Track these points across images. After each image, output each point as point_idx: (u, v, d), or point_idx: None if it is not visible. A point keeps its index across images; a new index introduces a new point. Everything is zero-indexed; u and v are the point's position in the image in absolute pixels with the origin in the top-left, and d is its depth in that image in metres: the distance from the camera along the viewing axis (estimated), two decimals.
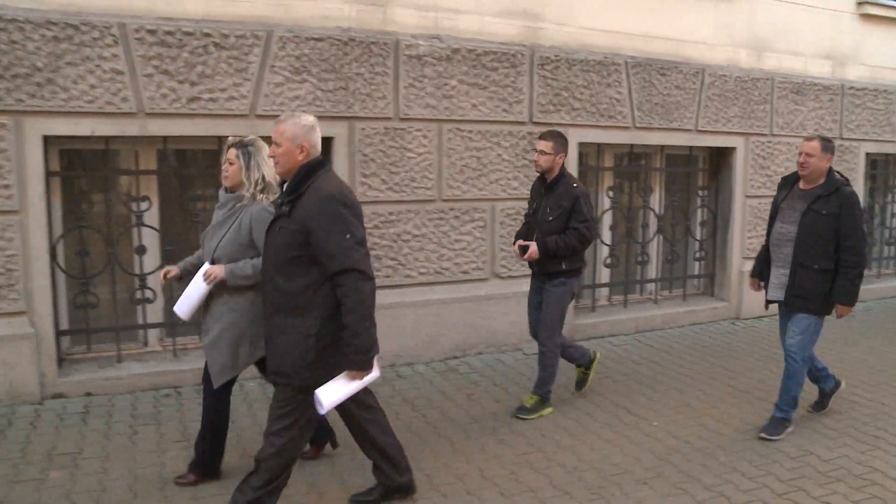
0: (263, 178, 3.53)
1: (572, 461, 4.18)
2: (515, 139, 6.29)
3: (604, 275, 6.96)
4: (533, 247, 4.53)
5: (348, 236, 2.88)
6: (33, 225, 5.08)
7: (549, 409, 4.83)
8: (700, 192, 7.33)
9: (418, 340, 6.07)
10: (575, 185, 4.50)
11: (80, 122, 5.16)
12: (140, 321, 5.63)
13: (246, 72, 5.42)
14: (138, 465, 4.21)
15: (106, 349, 5.57)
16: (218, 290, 3.52)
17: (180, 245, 5.50)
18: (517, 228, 6.04)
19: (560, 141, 4.53)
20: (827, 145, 4.12)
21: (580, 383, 5.16)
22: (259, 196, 3.53)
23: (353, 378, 2.95)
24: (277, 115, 5.02)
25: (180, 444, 4.55)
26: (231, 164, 3.55)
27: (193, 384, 5.42)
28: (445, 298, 5.89)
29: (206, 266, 3.53)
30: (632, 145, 6.70)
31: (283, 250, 2.97)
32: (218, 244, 3.52)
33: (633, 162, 6.89)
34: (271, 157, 3.09)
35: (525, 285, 6.07)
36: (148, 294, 5.56)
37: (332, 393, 2.93)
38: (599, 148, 6.59)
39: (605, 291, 6.97)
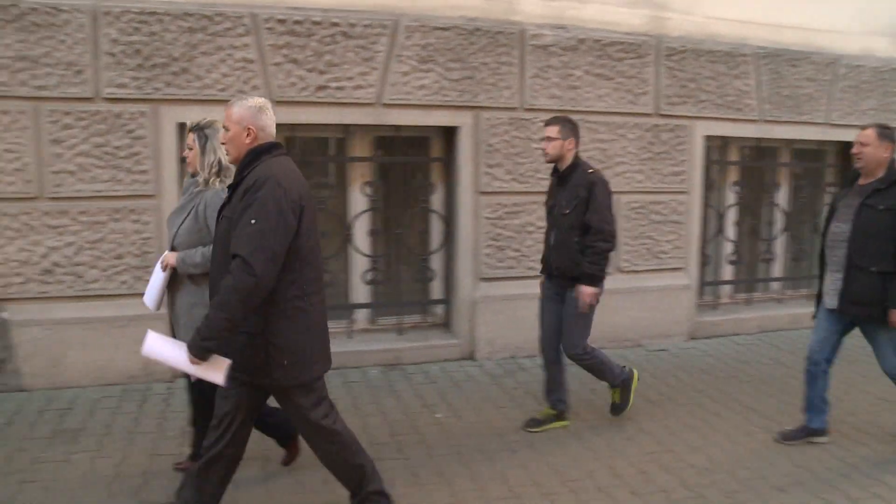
0: (219, 161, 3.31)
1: (703, 462, 4.00)
2: (641, 131, 6.10)
3: (727, 271, 6.63)
4: (582, 293, 4.08)
5: (253, 221, 2.61)
6: (167, 209, 5.14)
7: (635, 379, 4.50)
8: (829, 189, 6.94)
9: None
10: (590, 170, 4.02)
11: (213, 109, 5.18)
12: (366, 300, 5.79)
13: (373, 61, 5.40)
14: (257, 448, 4.11)
15: (336, 327, 5.54)
16: (182, 280, 3.34)
17: (407, 230, 5.72)
18: (640, 223, 5.85)
19: (568, 126, 4.05)
20: (884, 133, 3.74)
21: (617, 408, 4.50)
22: (214, 180, 3.33)
23: (184, 356, 2.71)
24: (404, 105, 5.05)
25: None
26: (190, 148, 3.36)
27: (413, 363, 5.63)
28: None
29: (165, 253, 3.40)
30: (759, 139, 6.39)
31: (221, 241, 2.77)
32: (177, 231, 3.35)
33: (759, 156, 6.53)
34: (222, 143, 2.91)
35: (650, 280, 5.88)
36: (378, 276, 5.76)
37: (162, 347, 2.80)
38: (725, 141, 6.29)
39: (727, 289, 6.65)
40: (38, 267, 5.08)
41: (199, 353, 2.65)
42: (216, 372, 2.70)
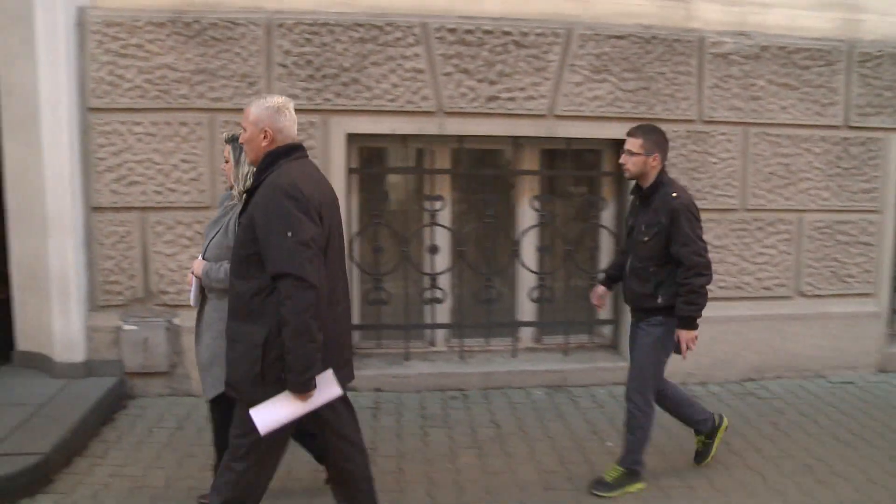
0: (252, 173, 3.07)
1: None
2: (828, 145, 5.63)
3: None
4: (683, 338, 3.52)
5: (289, 234, 2.43)
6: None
7: (639, 486, 3.74)
8: None
9: (713, 359, 5.52)
10: (675, 195, 3.42)
11: (382, 120, 5.14)
12: (428, 320, 5.50)
13: (545, 71, 5.20)
14: (433, 469, 4.07)
15: (394, 346, 5.50)
16: (208, 293, 3.20)
17: (472, 246, 5.32)
18: (825, 243, 5.38)
19: (653, 138, 3.50)
20: None
21: (701, 455, 4.04)
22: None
23: (295, 400, 2.51)
24: (577, 116, 4.79)
25: (471, 450, 4.35)
26: (226, 161, 3.22)
27: (479, 388, 5.30)
28: (744, 315, 5.32)
29: (196, 260, 3.27)
30: None
31: (237, 247, 2.62)
32: (208, 244, 3.22)
33: None
34: (240, 143, 2.77)
35: (834, 306, 5.40)
36: (438, 294, 5.40)
37: (270, 414, 2.52)
38: None
39: None
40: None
41: (307, 386, 2.50)
42: (330, 388, 2.61)
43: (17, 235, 5.17)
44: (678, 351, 3.46)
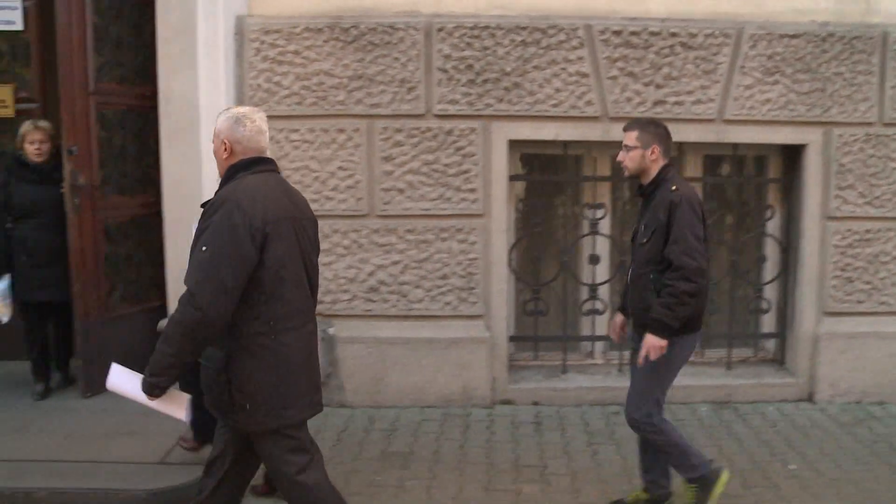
0: None
1: None
2: None
3: None
4: (648, 344, 3.08)
5: (203, 248, 2.32)
6: (495, 228, 4.99)
7: (721, 480, 3.29)
8: None
9: (894, 377, 5.20)
10: (674, 188, 3.06)
11: (544, 126, 4.97)
12: (586, 332, 5.32)
13: (714, 73, 4.95)
14: (611, 490, 3.87)
15: (551, 358, 5.36)
16: None
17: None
18: None
19: (651, 130, 3.17)
20: None
21: None
22: None
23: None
24: (746, 121, 4.52)
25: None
26: None
27: None
28: None
29: None
30: None
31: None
32: None
33: None
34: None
35: None
36: (598, 305, 5.21)
37: (125, 382, 2.53)
38: None
39: None
40: (364, 284, 5.03)
41: (149, 388, 2.40)
42: (177, 407, 2.51)
43: (174, 245, 5.15)
44: (668, 368, 3.17)
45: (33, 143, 4.51)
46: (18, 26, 5.41)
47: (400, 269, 5.03)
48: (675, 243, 2.94)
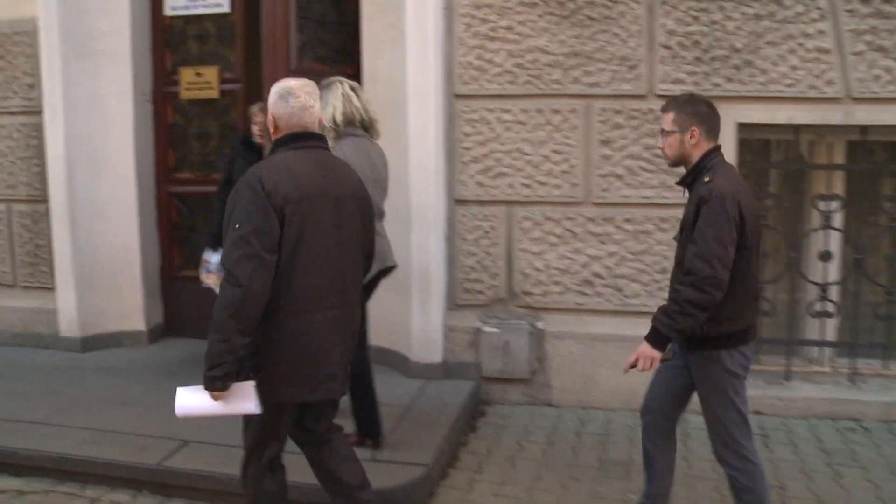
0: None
1: None
2: None
3: None
4: (639, 352, 2.73)
5: (237, 226, 2.31)
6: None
7: None
8: None
9: None
10: (707, 178, 2.63)
11: (778, 108, 4.56)
12: (814, 336, 4.86)
13: None
14: None
15: (772, 363, 4.92)
16: None
17: (871, 254, 4.67)
18: None
19: (689, 109, 2.73)
20: None
21: None
22: None
23: (209, 397, 2.36)
24: None
25: None
26: None
27: (878, 420, 4.58)
28: None
29: None
30: None
31: None
32: None
33: None
34: None
35: None
36: (828, 307, 4.77)
37: (191, 401, 2.43)
38: None
39: None
40: (577, 277, 4.73)
41: (210, 384, 2.34)
42: (246, 400, 2.39)
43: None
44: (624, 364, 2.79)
45: (256, 123, 4.43)
46: (225, 8, 5.30)
47: (616, 260, 4.70)
48: (692, 243, 2.55)
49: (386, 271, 3.65)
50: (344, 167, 2.65)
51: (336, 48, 4.92)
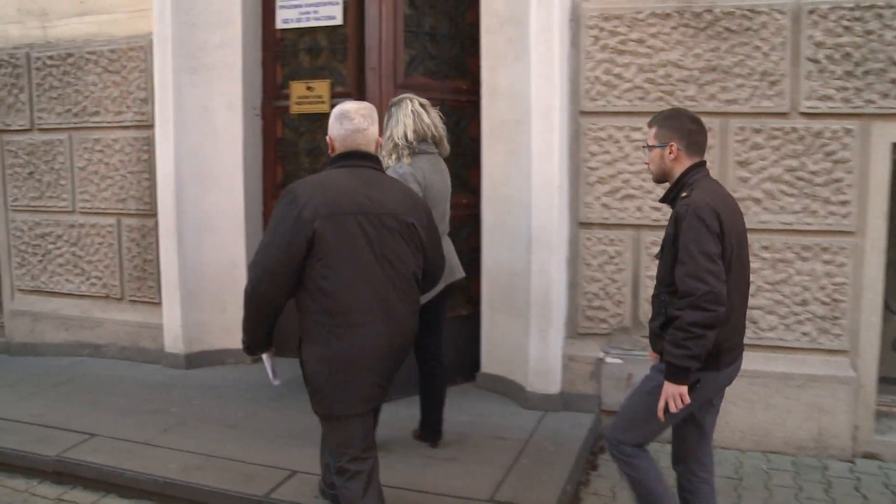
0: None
1: None
2: None
3: None
4: (665, 393, 2.60)
5: (266, 232, 2.56)
6: (869, 249, 4.21)
7: None
8: None
9: None
10: (684, 194, 2.57)
11: None
12: None
13: None
14: None
15: None
16: None
17: None
18: None
19: (669, 123, 2.67)
20: None
21: None
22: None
23: None
24: None
25: None
26: None
27: None
28: None
29: None
30: None
31: None
32: None
33: None
34: None
35: None
36: None
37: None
38: None
39: None
40: None
41: (244, 347, 2.76)
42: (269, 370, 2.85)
43: (492, 250, 4.74)
44: (667, 410, 2.61)
45: None
46: (338, 21, 5.16)
47: (752, 290, 4.31)
48: (681, 264, 2.46)
49: (454, 284, 3.76)
50: (392, 187, 2.69)
51: (449, 62, 4.72)
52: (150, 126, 5.44)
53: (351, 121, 2.63)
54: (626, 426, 2.79)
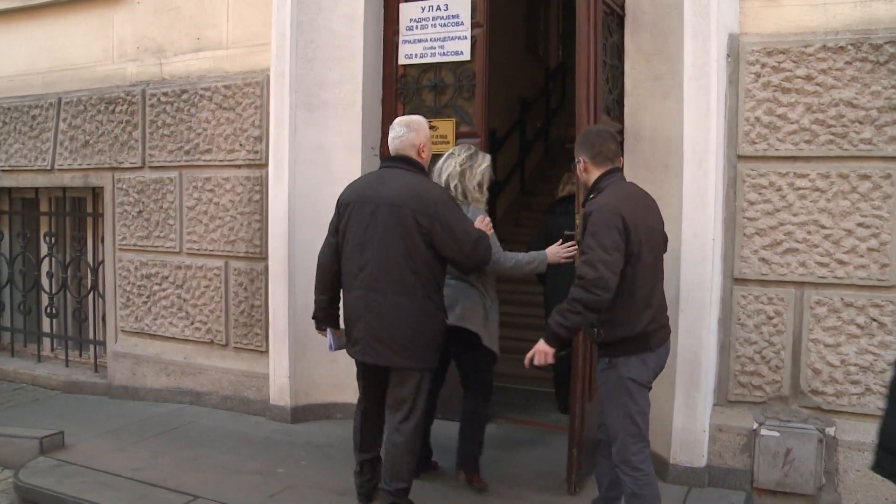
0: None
1: None
2: None
3: None
4: (536, 347, 2.99)
5: None
6: None
7: None
8: None
9: None
10: (592, 196, 3.04)
11: None
12: None
13: None
14: None
15: None
16: None
17: None
18: None
19: (577, 140, 3.16)
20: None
21: None
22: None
23: None
24: None
25: None
26: None
27: None
28: None
29: None
30: None
31: None
32: None
33: None
34: None
35: None
36: None
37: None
38: None
39: None
40: (883, 376, 3.88)
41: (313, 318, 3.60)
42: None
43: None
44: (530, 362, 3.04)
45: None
46: (466, 56, 4.88)
47: None
48: (581, 254, 2.90)
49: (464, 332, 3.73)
50: (399, 182, 3.25)
51: (615, 98, 4.32)
52: (264, 165, 5.21)
53: (392, 129, 3.38)
54: (626, 439, 3.03)
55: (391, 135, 3.31)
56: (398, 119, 3.37)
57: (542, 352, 2.97)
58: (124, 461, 4.28)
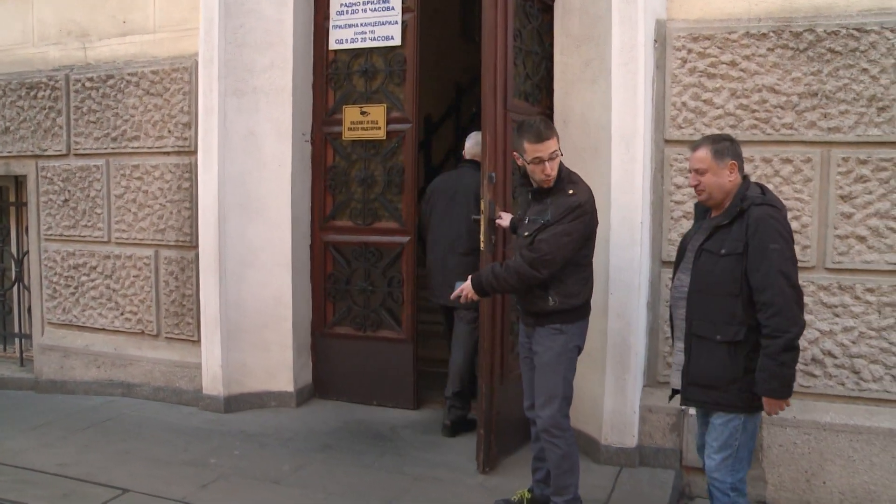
0: None
1: None
2: None
3: None
4: (466, 285, 3.31)
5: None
6: None
7: None
8: None
9: None
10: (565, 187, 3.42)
11: None
12: None
13: None
14: None
15: None
16: None
17: None
18: None
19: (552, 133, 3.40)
20: (721, 148, 2.86)
21: None
22: None
23: None
24: None
25: None
26: None
27: None
28: None
29: None
30: None
31: None
32: None
33: None
34: None
35: None
36: None
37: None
38: None
39: None
40: (804, 354, 3.98)
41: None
42: None
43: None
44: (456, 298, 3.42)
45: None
46: (396, 41, 4.86)
47: (853, 337, 3.94)
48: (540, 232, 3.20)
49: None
50: (465, 178, 4.54)
51: (536, 84, 4.33)
52: (193, 152, 5.12)
53: (470, 138, 4.57)
54: (558, 397, 3.26)
55: (469, 143, 4.57)
56: (475, 132, 4.39)
57: (468, 294, 3.31)
58: (50, 457, 4.17)
